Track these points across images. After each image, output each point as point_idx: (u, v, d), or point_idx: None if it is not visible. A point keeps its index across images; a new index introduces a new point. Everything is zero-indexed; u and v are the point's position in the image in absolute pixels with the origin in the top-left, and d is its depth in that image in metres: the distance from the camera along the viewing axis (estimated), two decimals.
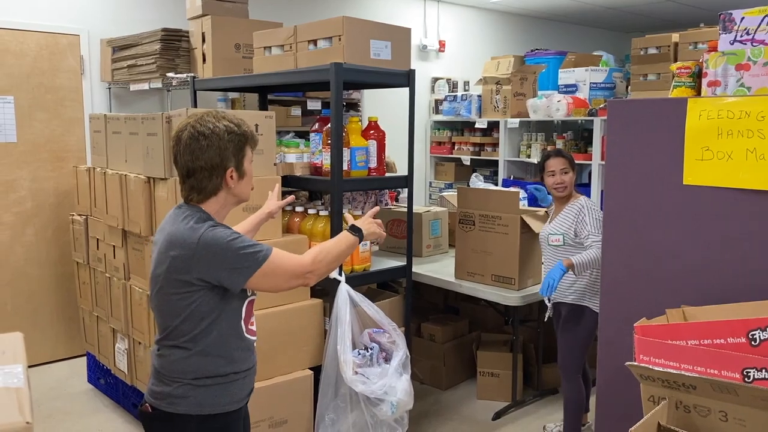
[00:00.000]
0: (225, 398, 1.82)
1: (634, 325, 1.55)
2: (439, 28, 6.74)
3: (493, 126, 6.21)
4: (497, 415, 3.74)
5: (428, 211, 4.38)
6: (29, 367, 4.56)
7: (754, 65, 1.68)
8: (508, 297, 3.46)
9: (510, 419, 3.76)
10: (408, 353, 2.87)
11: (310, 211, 3.04)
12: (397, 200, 5.49)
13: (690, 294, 1.79)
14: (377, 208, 2.27)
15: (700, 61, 1.95)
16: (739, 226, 1.70)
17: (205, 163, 1.75)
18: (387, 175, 3.20)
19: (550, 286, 2.92)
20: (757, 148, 1.60)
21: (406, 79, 3.04)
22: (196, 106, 3.68)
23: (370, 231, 2.09)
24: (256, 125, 2.89)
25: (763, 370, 1.33)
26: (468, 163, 6.36)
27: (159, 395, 1.81)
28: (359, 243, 2.02)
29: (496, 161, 6.16)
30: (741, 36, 1.79)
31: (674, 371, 1.45)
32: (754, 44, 1.76)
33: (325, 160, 2.90)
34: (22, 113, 4.27)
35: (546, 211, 3.50)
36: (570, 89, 5.91)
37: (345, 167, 2.88)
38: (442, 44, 6.71)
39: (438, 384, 4.14)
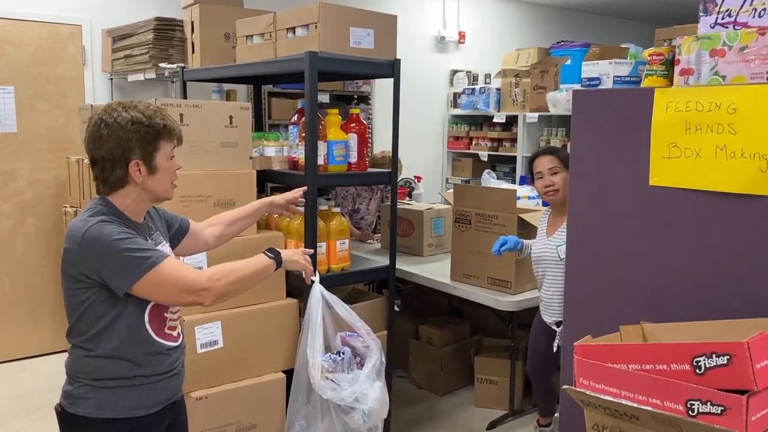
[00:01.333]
0: (130, 402, 1.71)
1: (575, 343, 1.37)
2: (459, 19, 6.53)
3: (512, 120, 5.98)
4: (492, 425, 3.56)
5: (430, 208, 4.20)
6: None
7: (730, 51, 1.47)
8: (503, 301, 3.27)
9: (506, 429, 3.58)
10: (383, 359, 2.71)
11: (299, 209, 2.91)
12: (410, 196, 5.34)
13: (656, 308, 1.59)
14: (300, 190, 2.25)
15: (674, 46, 1.74)
16: (709, 233, 1.49)
17: (106, 153, 1.67)
18: (370, 170, 3.04)
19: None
20: (727, 145, 1.39)
21: (390, 69, 2.87)
22: (185, 98, 3.59)
23: (292, 260, 1.99)
24: (231, 117, 2.77)
25: (708, 403, 1.14)
26: (485, 159, 6.16)
27: (65, 394, 1.74)
28: (276, 269, 1.89)
29: (515, 157, 5.93)
30: (722, 18, 1.58)
31: (613, 399, 1.27)
32: (736, 27, 1.55)
33: (301, 154, 2.77)
34: (23, 104, 4.26)
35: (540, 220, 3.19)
36: (593, 83, 5.63)
37: (321, 161, 2.74)
38: (461, 35, 6.50)
39: (435, 389, 3.98)
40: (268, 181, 3.00)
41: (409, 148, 5.81)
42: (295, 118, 2.93)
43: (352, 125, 2.88)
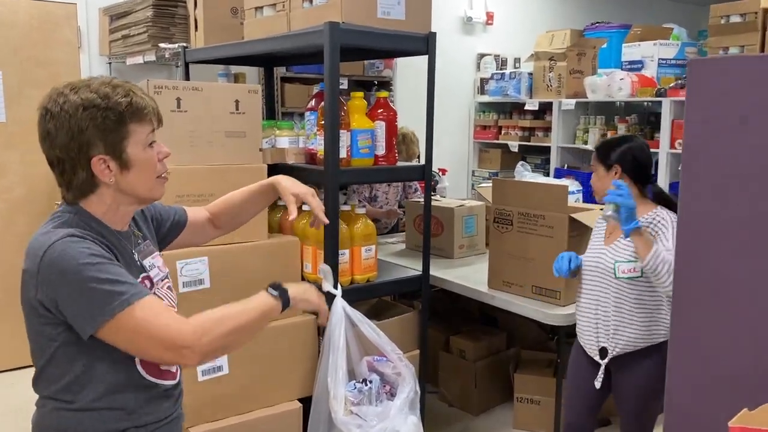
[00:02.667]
0: None
1: (729, 424, 0.93)
2: None
3: (546, 108, 5.53)
4: None
5: (462, 205, 3.77)
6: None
7: None
8: (551, 314, 2.84)
9: None
10: (418, 388, 2.29)
11: (305, 207, 2.48)
12: (434, 190, 4.89)
13: None
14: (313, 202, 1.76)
15: None
16: None
17: (60, 152, 1.30)
18: (401, 163, 2.61)
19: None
20: None
21: (425, 44, 2.44)
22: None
23: (303, 298, 1.53)
24: (237, 101, 2.35)
25: None
26: (516, 150, 5.70)
27: None
28: (282, 310, 1.45)
29: (548, 148, 5.47)
30: None
31: None
32: None
33: (320, 145, 2.34)
34: (11, 90, 3.87)
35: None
36: (635, 66, 5.17)
37: (344, 154, 2.31)
38: (489, 16, 6.03)
39: (468, 408, 3.56)
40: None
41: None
42: (313, 103, 2.50)
43: (380, 111, 2.45)
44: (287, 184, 1.75)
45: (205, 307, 1.36)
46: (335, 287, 2.32)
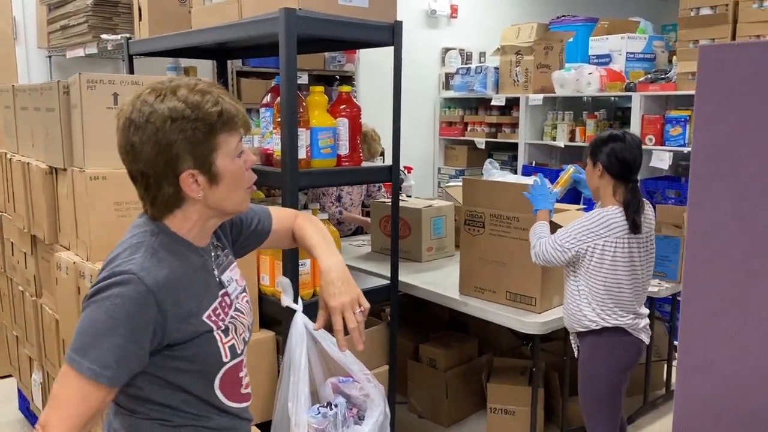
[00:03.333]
0: None
1: None
2: None
3: (513, 103, 5.38)
4: None
5: (429, 206, 3.58)
6: None
7: None
8: (527, 322, 2.67)
9: None
10: (388, 411, 2.10)
11: None
12: (400, 189, 4.70)
13: None
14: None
15: None
16: None
17: (145, 167, 1.20)
18: (366, 164, 2.40)
19: None
20: None
21: (390, 34, 2.24)
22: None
23: None
24: None
25: None
26: (483, 147, 5.55)
27: None
28: None
29: (516, 145, 5.33)
30: None
31: None
32: None
33: (276, 144, 2.12)
34: None
35: None
36: (603, 60, 5.06)
37: (303, 155, 2.10)
38: (454, 9, 5.86)
39: (439, 419, 3.37)
40: None
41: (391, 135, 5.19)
42: (268, 98, 2.28)
43: (342, 107, 2.24)
44: (331, 291, 1.44)
45: None
46: (295, 301, 2.10)
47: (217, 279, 1.34)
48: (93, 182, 1.94)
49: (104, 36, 3.14)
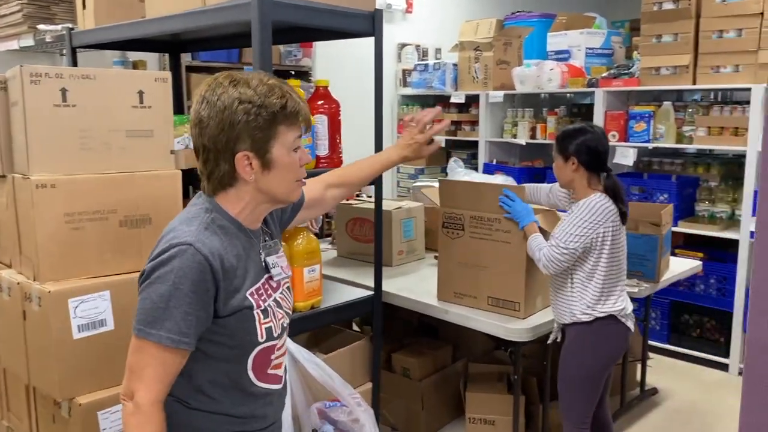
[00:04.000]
0: None
1: None
2: None
3: (472, 101, 5.27)
4: None
5: (399, 208, 3.42)
6: None
7: None
8: (512, 329, 2.54)
9: None
10: None
11: None
12: (360, 190, 4.52)
13: None
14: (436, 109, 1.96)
15: None
16: None
17: (208, 141, 1.33)
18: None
19: None
20: None
21: (370, 23, 2.06)
22: None
23: None
24: (141, 92, 1.88)
25: None
26: (443, 145, 5.41)
27: None
28: None
29: (475, 142, 5.22)
30: None
31: None
32: None
33: None
34: None
35: None
36: (562, 56, 5.00)
37: None
38: (409, 4, 5.71)
39: (415, 431, 3.21)
40: (197, 184, 2.12)
41: (353, 134, 4.98)
42: None
43: (320, 103, 2.05)
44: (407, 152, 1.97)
45: (110, 355, 1.35)
46: None
47: (263, 262, 1.42)
48: (40, 191, 1.68)
49: (41, 26, 2.84)
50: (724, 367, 3.98)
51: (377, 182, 2.15)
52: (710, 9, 3.85)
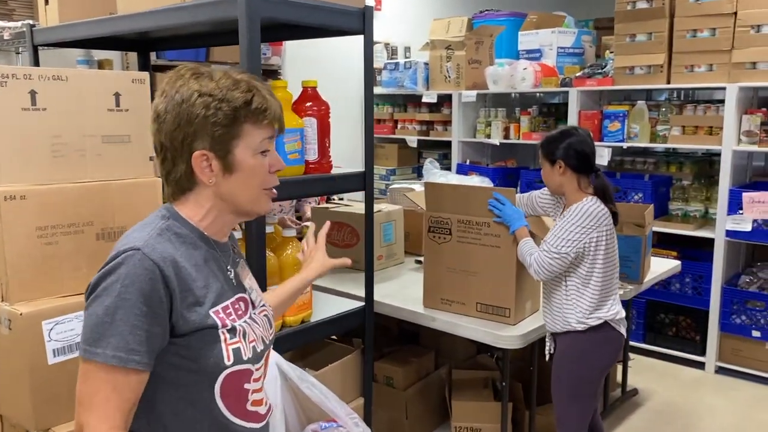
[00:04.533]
0: None
1: None
2: None
3: (443, 100, 5.21)
4: None
5: (379, 211, 3.32)
6: None
7: None
8: (503, 336, 2.47)
9: None
10: None
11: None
12: (328, 198, 4.39)
13: None
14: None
15: None
16: None
17: (165, 138, 1.19)
18: (337, 171, 2.09)
19: None
20: None
21: (360, 21, 1.96)
22: None
23: None
24: (117, 95, 1.74)
25: None
26: (414, 145, 5.34)
27: None
28: None
29: (447, 143, 5.16)
30: None
31: None
32: None
33: None
34: None
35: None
36: (533, 55, 4.98)
37: None
38: (378, 2, 5.61)
39: None
40: None
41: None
42: None
43: (308, 105, 1.94)
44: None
45: None
46: None
47: (233, 280, 1.27)
48: (9, 203, 1.53)
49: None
50: (700, 366, 4.00)
51: (368, 185, 2.03)
52: (684, 8, 3.86)
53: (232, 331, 1.20)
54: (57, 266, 1.62)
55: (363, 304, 2.13)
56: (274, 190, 1.27)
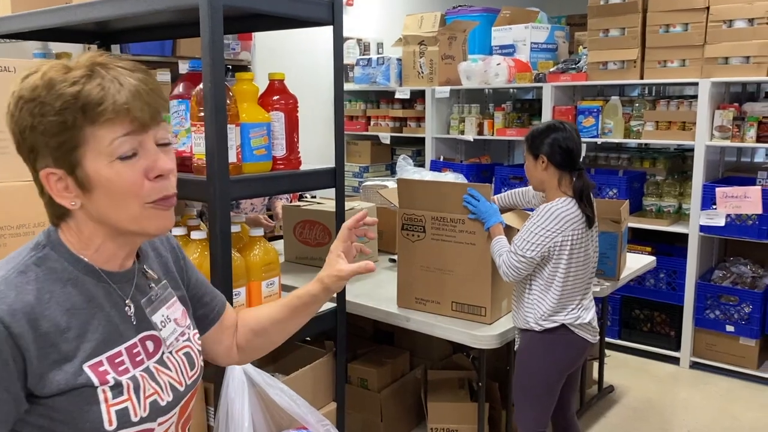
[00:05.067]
0: None
1: None
2: None
3: (416, 96, 5.14)
4: None
5: (351, 209, 3.24)
6: None
7: None
8: (479, 336, 2.42)
9: None
10: None
11: (194, 235, 1.82)
12: (300, 196, 4.30)
13: None
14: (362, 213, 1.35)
15: None
16: None
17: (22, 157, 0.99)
18: (306, 167, 2.01)
19: None
20: None
21: (329, 12, 1.87)
22: None
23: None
24: None
25: None
26: (387, 142, 5.27)
27: None
28: None
29: (420, 139, 5.10)
30: None
31: None
32: None
33: (196, 146, 1.69)
34: None
35: None
36: (507, 51, 4.93)
37: (233, 158, 1.69)
38: None
39: None
40: None
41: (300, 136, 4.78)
42: (181, 88, 1.83)
43: (275, 98, 1.85)
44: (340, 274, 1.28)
45: None
46: None
47: (132, 317, 1.03)
48: None
49: None
50: (675, 361, 3.99)
51: (338, 183, 1.95)
52: (657, 3, 3.85)
53: (116, 387, 0.97)
54: None
55: (335, 305, 2.04)
56: (172, 199, 1.01)
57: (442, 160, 4.97)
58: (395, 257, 3.38)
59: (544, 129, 2.34)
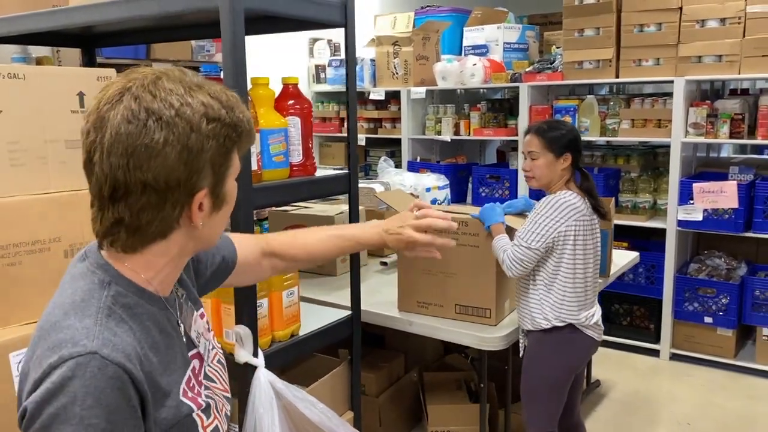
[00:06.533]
0: None
1: None
2: None
3: (391, 97, 5.12)
4: None
5: (342, 212, 3.21)
6: None
7: None
8: (485, 338, 2.41)
9: None
10: None
11: None
12: None
13: None
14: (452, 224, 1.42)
15: None
16: None
17: (155, 177, 0.85)
18: (321, 173, 1.96)
19: None
20: None
21: (341, 13, 1.83)
22: None
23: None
24: (81, 94, 1.56)
25: None
26: (363, 143, 5.23)
27: None
28: None
29: (397, 140, 5.08)
30: None
31: None
32: None
33: None
34: None
35: None
36: (480, 51, 4.96)
37: (254, 165, 1.63)
38: None
39: None
40: None
41: None
42: None
43: (291, 103, 1.80)
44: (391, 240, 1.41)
45: None
46: (255, 355, 1.66)
47: (184, 337, 1.01)
48: None
49: None
50: (655, 353, 4.08)
51: (352, 186, 1.92)
52: (631, 3, 3.92)
53: (207, 410, 0.97)
54: (21, 290, 1.43)
55: (350, 312, 2.00)
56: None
57: (418, 160, 4.96)
58: (386, 260, 3.36)
59: (558, 125, 2.41)
